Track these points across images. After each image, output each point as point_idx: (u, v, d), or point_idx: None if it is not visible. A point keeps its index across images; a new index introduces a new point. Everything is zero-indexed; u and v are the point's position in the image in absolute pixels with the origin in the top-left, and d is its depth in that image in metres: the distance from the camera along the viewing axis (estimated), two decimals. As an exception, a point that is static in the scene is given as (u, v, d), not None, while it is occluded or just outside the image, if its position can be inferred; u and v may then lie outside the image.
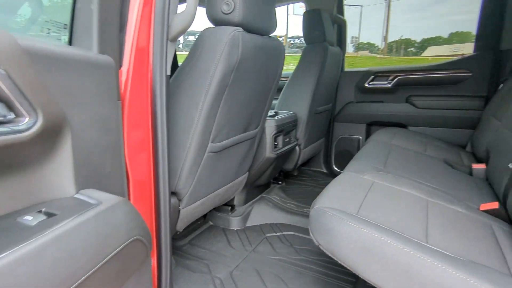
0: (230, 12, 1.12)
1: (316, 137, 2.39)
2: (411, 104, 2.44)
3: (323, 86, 2.16)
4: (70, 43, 0.69)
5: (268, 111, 1.58)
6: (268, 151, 1.68)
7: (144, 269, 0.71)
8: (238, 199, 1.79)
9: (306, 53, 2.09)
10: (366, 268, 0.86)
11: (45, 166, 0.54)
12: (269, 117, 1.75)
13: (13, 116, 0.46)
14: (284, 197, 1.98)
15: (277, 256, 1.48)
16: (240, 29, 1.13)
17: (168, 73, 0.98)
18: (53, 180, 0.56)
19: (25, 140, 0.47)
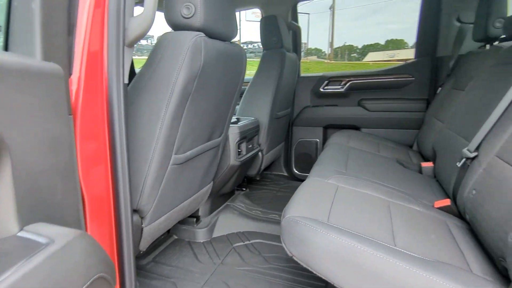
0: (191, 16, 1.06)
1: (277, 142, 2.41)
2: (363, 107, 2.59)
3: (282, 92, 2.18)
4: (6, 49, 0.58)
5: (231, 118, 1.54)
6: (233, 159, 1.64)
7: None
8: (203, 210, 1.72)
9: (265, 59, 2.09)
10: (342, 277, 0.87)
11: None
12: (232, 124, 1.71)
13: None
14: (249, 204, 1.96)
15: (247, 267, 1.44)
16: (202, 34, 1.08)
17: (126, 81, 0.90)
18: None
19: None
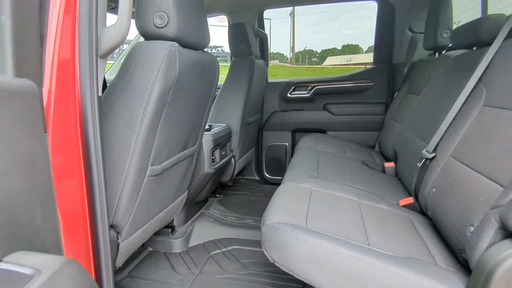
0: (164, 26, 1.05)
1: (248, 147, 2.43)
2: (328, 111, 2.71)
3: (252, 98, 2.22)
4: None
5: (205, 126, 1.54)
6: (207, 167, 1.63)
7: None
8: (178, 219, 1.69)
9: (235, 66, 2.11)
10: (323, 279, 0.91)
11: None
12: (205, 132, 1.71)
13: None
14: (224, 210, 1.96)
15: (225, 274, 1.45)
16: (176, 44, 1.07)
17: (100, 94, 0.87)
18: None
19: None
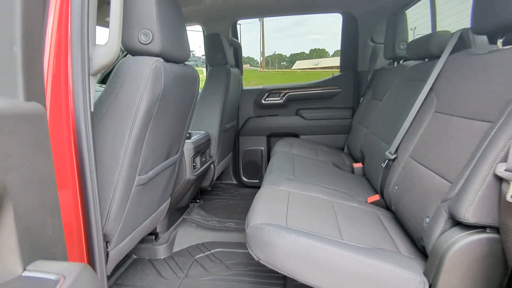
0: (149, 43, 1.11)
1: (226, 152, 2.51)
2: (300, 116, 2.86)
3: (229, 105, 2.30)
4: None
5: (187, 135, 1.60)
6: (188, 173, 1.69)
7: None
8: (161, 226, 1.72)
9: (212, 75, 2.19)
10: (304, 272, 1.01)
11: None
12: (186, 140, 1.76)
13: None
14: (205, 215, 2.02)
15: (211, 276, 1.51)
16: (161, 60, 1.13)
17: (92, 110, 0.91)
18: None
19: None
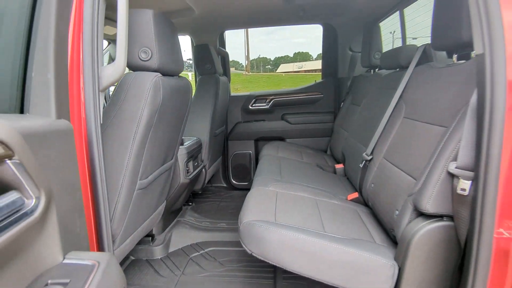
0: (148, 59, 1.22)
1: (216, 157, 2.62)
2: (286, 121, 3.01)
3: (218, 111, 2.42)
4: (22, 111, 0.69)
5: (181, 141, 1.71)
6: (182, 177, 1.80)
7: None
8: (157, 228, 1.82)
9: (202, 84, 2.31)
10: (292, 262, 1.14)
11: (38, 240, 0.56)
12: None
13: (23, 202, 0.49)
14: (198, 217, 2.12)
15: (206, 273, 1.62)
16: (159, 75, 1.25)
17: (101, 122, 1.02)
18: (44, 251, 0.58)
19: (34, 221, 0.51)
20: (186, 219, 2.06)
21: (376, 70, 2.36)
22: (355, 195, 1.67)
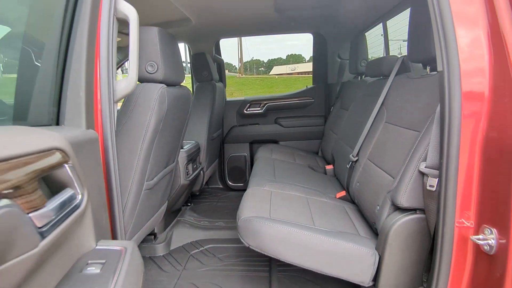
0: (155, 72, 1.35)
1: (213, 159, 2.75)
2: (279, 124, 3.16)
3: (215, 116, 2.55)
4: (58, 122, 0.81)
5: (182, 145, 1.83)
6: (183, 179, 1.92)
7: None
8: (159, 227, 1.94)
9: (199, 91, 2.44)
10: (285, 253, 1.27)
11: (80, 228, 0.69)
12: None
13: (75, 197, 0.62)
14: (197, 217, 2.25)
15: (206, 268, 1.75)
16: (164, 86, 1.38)
17: (115, 129, 1.14)
18: (83, 239, 0.70)
19: (80, 213, 0.64)
20: (186, 219, 2.18)
21: (363, 77, 2.53)
22: (343, 193, 1.81)
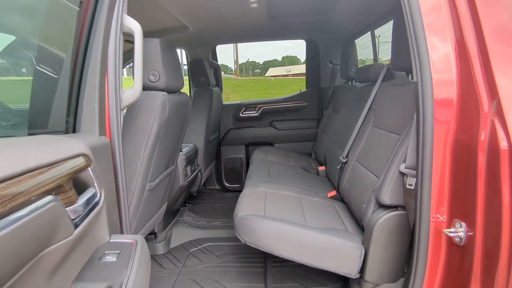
0: (157, 81, 1.45)
1: (210, 161, 2.85)
2: (274, 127, 3.26)
3: (212, 120, 2.65)
4: (74, 130, 0.91)
5: (181, 148, 1.93)
6: (182, 180, 2.01)
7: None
8: (158, 227, 2.02)
9: (197, 96, 2.54)
10: (278, 247, 1.37)
11: (97, 223, 0.78)
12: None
13: (97, 195, 0.71)
14: (195, 217, 2.34)
15: (204, 265, 1.84)
16: (166, 93, 1.47)
17: (121, 134, 1.24)
18: (99, 232, 0.80)
19: (99, 209, 0.73)
20: (184, 219, 2.28)
21: (353, 82, 2.64)
22: (334, 193, 1.92)
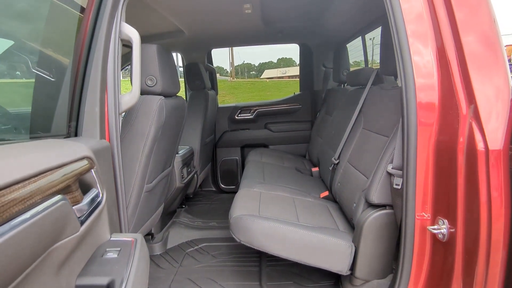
0: (154, 86, 1.49)
1: (206, 163, 2.89)
2: (268, 129, 3.32)
3: (208, 122, 2.70)
4: (76, 134, 0.95)
5: (177, 150, 1.97)
6: (178, 182, 2.06)
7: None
8: (155, 227, 2.06)
9: (193, 99, 2.59)
10: (271, 246, 1.42)
11: (99, 222, 0.83)
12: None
13: (99, 196, 0.76)
14: (191, 218, 2.38)
15: (201, 264, 1.88)
16: (163, 97, 1.52)
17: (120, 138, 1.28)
18: (101, 231, 0.84)
19: (101, 209, 0.78)
20: (181, 220, 2.31)
21: (345, 85, 2.71)
22: (326, 193, 1.98)
